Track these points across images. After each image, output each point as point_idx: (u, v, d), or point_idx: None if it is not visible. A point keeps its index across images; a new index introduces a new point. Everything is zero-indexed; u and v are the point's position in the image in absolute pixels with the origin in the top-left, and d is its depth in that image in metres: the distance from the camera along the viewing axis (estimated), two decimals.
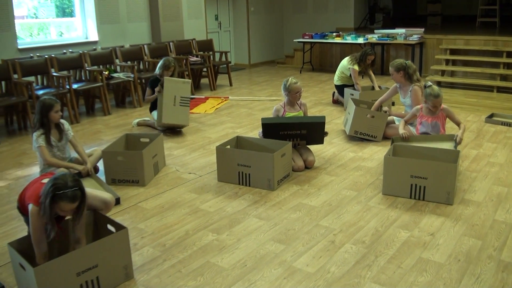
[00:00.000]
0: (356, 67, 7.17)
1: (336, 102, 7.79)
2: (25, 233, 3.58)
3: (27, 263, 2.65)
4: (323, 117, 4.72)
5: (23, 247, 2.93)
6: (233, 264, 3.16)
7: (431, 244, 3.34)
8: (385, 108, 5.63)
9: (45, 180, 3.03)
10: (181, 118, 6.19)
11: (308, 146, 4.99)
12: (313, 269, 3.07)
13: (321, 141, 4.89)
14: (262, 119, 4.70)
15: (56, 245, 3.10)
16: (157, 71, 6.52)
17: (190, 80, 6.26)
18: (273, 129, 4.68)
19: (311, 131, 4.74)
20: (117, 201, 4.16)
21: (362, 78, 9.28)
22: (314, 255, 3.23)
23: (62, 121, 4.59)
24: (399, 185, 4.06)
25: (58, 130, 4.56)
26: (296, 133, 4.69)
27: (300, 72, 11.43)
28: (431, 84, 4.69)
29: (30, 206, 2.89)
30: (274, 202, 4.09)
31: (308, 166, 4.83)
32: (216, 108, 7.80)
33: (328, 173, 4.72)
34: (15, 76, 6.92)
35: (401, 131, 4.69)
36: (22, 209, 3.25)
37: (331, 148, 5.45)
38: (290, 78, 4.95)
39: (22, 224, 3.77)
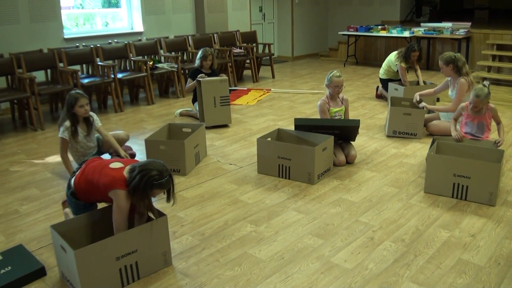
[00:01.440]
0: (403, 65, 7.05)
1: (379, 96, 7.70)
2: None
3: (68, 246, 2.72)
4: (358, 121, 4.65)
5: (64, 229, 3.02)
6: (271, 256, 3.18)
7: (472, 245, 3.27)
8: (422, 104, 5.53)
9: (114, 165, 3.15)
10: (223, 118, 6.25)
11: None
12: (350, 265, 3.06)
13: (353, 140, 4.87)
14: (295, 119, 4.69)
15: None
16: (196, 62, 6.62)
17: (226, 78, 6.29)
18: (304, 130, 4.68)
19: (344, 132, 4.71)
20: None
21: (408, 72, 9.13)
22: (353, 251, 3.22)
23: (91, 113, 4.62)
24: (442, 183, 3.99)
25: (86, 123, 4.60)
26: (328, 132, 4.64)
27: (344, 66, 11.33)
28: (487, 84, 4.51)
29: (118, 191, 2.99)
30: (314, 196, 4.08)
31: (349, 161, 4.80)
32: (258, 100, 7.81)
33: (369, 169, 4.68)
34: (61, 64, 7.09)
35: (454, 132, 4.56)
36: (81, 194, 3.32)
37: (373, 144, 5.40)
38: (335, 71, 4.90)
39: None
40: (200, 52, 6.57)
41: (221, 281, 2.92)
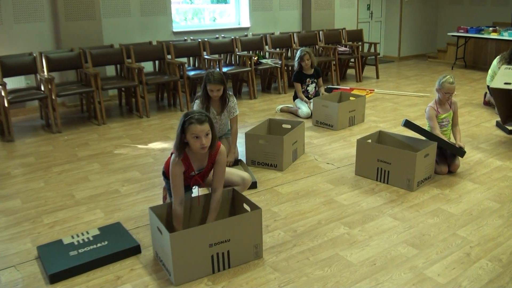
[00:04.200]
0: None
1: (487, 104, 7.32)
2: None
3: (164, 228, 2.84)
4: (463, 153, 4.51)
5: (162, 212, 3.17)
6: (362, 260, 3.13)
7: None
8: None
9: None
10: None
11: None
12: (444, 280, 2.93)
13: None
14: (406, 120, 4.51)
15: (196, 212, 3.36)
16: (296, 66, 6.64)
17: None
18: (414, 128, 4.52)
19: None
20: (254, 185, 4.29)
21: None
22: (447, 265, 3.08)
23: (232, 95, 4.67)
24: None
25: (221, 102, 4.61)
26: None
27: (452, 69, 10.88)
28: None
29: (171, 157, 3.16)
30: (412, 204, 3.97)
31: (451, 170, 4.60)
32: None
33: (471, 180, 4.47)
34: (169, 56, 7.38)
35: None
36: (167, 172, 3.48)
37: (477, 154, 5.15)
38: (448, 76, 4.64)
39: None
40: (297, 55, 6.60)
41: (309, 280, 2.92)
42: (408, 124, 4.48)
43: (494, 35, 10.09)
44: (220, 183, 3.28)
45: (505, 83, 5.26)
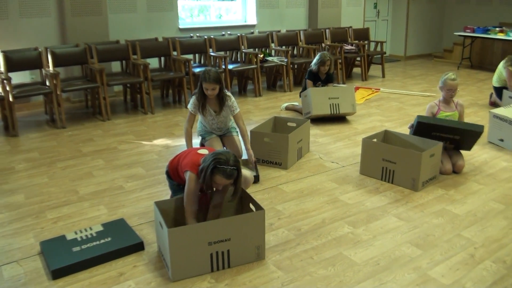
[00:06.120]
0: (511, 68, 6.67)
1: (493, 104, 7.28)
2: (168, 197, 3.86)
3: (164, 223, 2.84)
4: (482, 127, 4.40)
5: (166, 207, 3.18)
6: (366, 260, 3.12)
7: None
8: None
9: (202, 151, 3.28)
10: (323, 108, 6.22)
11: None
12: (448, 281, 2.92)
13: (469, 149, 4.64)
14: (418, 116, 4.51)
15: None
16: (313, 66, 6.57)
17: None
18: (426, 128, 4.48)
19: (465, 138, 4.48)
20: (256, 179, 4.32)
21: None
22: (451, 266, 3.07)
23: (229, 94, 4.48)
24: None
25: (218, 101, 4.42)
26: (448, 136, 4.46)
27: (458, 68, 10.83)
28: None
29: (188, 173, 3.16)
30: (416, 204, 3.95)
31: (456, 171, 4.59)
32: (366, 99, 7.68)
33: (476, 181, 4.44)
34: (175, 53, 7.37)
35: None
36: (172, 174, 3.51)
37: (482, 154, 5.12)
38: (450, 73, 4.67)
39: (167, 189, 4.04)
40: (318, 57, 6.53)
41: (313, 279, 2.91)
42: (421, 124, 4.48)
43: (500, 36, 10.04)
44: (222, 201, 3.29)
45: None
